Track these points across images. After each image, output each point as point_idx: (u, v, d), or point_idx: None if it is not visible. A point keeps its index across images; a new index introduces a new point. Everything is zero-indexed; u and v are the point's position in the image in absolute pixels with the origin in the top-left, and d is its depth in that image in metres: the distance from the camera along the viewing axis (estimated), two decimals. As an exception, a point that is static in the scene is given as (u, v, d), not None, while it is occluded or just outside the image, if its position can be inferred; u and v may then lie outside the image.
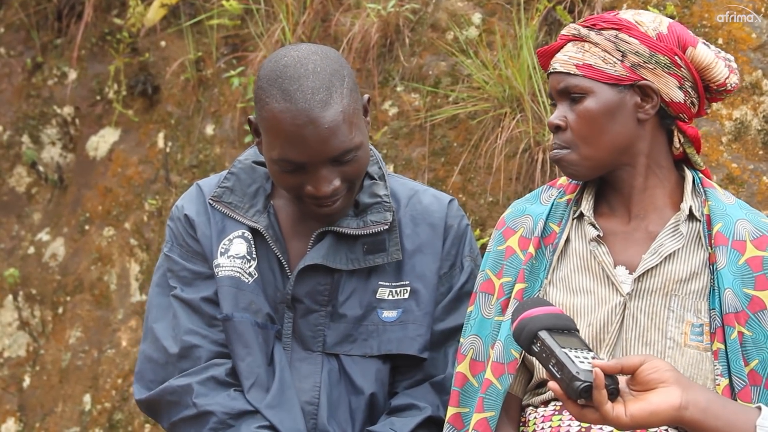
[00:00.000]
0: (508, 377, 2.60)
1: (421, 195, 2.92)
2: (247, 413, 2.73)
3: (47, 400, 5.32)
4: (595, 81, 2.62)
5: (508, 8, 4.58)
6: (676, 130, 2.70)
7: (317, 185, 2.69)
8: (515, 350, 2.60)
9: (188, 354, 2.79)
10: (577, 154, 2.63)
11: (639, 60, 2.61)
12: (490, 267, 2.73)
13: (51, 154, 5.66)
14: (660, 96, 2.63)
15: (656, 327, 2.55)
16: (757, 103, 4.03)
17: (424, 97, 4.62)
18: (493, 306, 2.69)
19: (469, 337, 2.71)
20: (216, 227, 2.85)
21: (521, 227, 2.74)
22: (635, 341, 2.56)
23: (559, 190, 2.75)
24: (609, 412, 2.13)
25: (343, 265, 2.80)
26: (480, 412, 2.60)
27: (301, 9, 5.00)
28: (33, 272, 5.51)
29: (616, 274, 2.60)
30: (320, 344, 2.81)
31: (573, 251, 2.67)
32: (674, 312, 2.55)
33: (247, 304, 2.78)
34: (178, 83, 5.36)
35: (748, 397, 2.48)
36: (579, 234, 2.68)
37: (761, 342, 2.52)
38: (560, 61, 2.67)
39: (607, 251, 2.62)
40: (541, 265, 2.67)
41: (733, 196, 2.71)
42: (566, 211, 2.71)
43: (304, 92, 2.64)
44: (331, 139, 2.65)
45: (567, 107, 2.64)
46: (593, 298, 2.60)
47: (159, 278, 2.89)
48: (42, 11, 5.79)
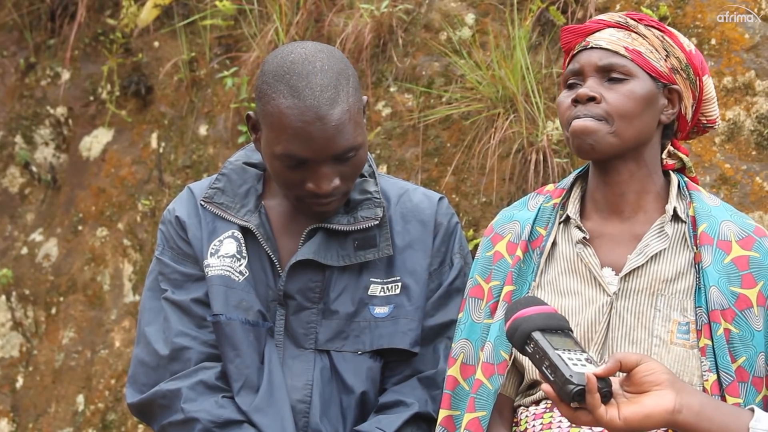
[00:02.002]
0: (498, 378, 2.62)
1: (411, 193, 2.93)
2: (233, 423, 2.73)
3: (40, 401, 5.32)
4: (640, 68, 2.65)
5: (502, 9, 4.59)
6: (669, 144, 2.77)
7: (318, 182, 2.71)
8: (504, 351, 2.63)
9: (178, 356, 2.80)
10: (609, 126, 2.63)
11: (678, 65, 2.68)
12: (479, 273, 2.76)
13: (44, 154, 5.65)
14: (680, 106, 2.70)
15: (642, 326, 2.57)
16: (750, 104, 4.04)
17: (418, 98, 4.63)
18: (482, 310, 2.72)
19: (459, 341, 2.73)
20: (207, 228, 2.85)
21: (509, 233, 2.77)
22: (622, 340, 2.57)
23: (546, 196, 2.78)
24: (602, 416, 2.13)
25: (334, 261, 2.81)
26: (471, 411, 2.62)
27: (295, 9, 5.00)
28: (26, 272, 5.51)
29: (602, 275, 2.62)
30: (312, 341, 2.81)
31: (560, 254, 2.69)
32: (660, 311, 2.57)
33: (238, 302, 2.79)
34: (172, 84, 5.36)
35: (736, 392, 2.49)
36: (565, 237, 2.71)
37: (748, 339, 2.54)
38: (605, 39, 2.68)
39: (593, 253, 2.64)
40: (528, 268, 2.69)
41: (718, 198, 2.74)
42: (552, 215, 2.74)
43: (312, 89, 2.65)
44: (336, 137, 2.67)
45: (600, 84, 2.65)
46: (580, 299, 2.62)
47: (151, 282, 2.90)
48: (35, 12, 5.78)
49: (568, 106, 2.66)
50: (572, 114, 2.63)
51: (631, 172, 2.68)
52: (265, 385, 2.75)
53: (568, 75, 2.71)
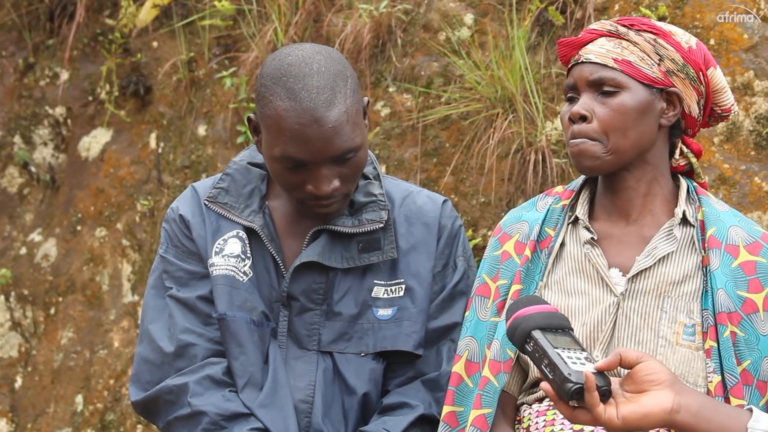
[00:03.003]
0: (504, 375, 2.64)
1: (415, 195, 2.94)
2: (240, 415, 2.74)
3: (39, 401, 5.31)
4: (631, 78, 2.66)
5: (500, 9, 4.59)
6: (681, 143, 2.77)
7: (317, 184, 2.71)
8: (510, 350, 2.65)
9: (184, 353, 2.80)
10: (603, 146, 2.65)
11: (673, 67, 2.68)
12: (486, 272, 2.79)
13: (43, 154, 5.65)
14: (682, 106, 2.69)
15: (649, 327, 2.58)
16: (749, 104, 4.04)
17: (417, 98, 4.62)
18: (488, 308, 2.74)
19: (464, 339, 2.75)
20: (211, 227, 2.86)
21: (517, 233, 2.79)
22: (628, 340, 2.59)
23: (555, 197, 2.81)
24: (601, 414, 2.13)
25: (338, 263, 2.81)
26: (478, 408, 2.64)
27: (294, 9, 5.00)
28: (25, 273, 5.51)
29: (609, 275, 2.63)
30: (315, 343, 2.82)
31: (568, 254, 2.71)
32: (667, 313, 2.58)
33: (242, 302, 2.79)
34: (171, 84, 5.36)
35: (740, 394, 2.51)
36: (574, 238, 2.73)
37: (753, 343, 2.55)
38: (595, 52, 2.68)
39: (601, 253, 2.66)
40: (536, 267, 2.71)
41: (726, 204, 2.76)
42: (561, 216, 2.75)
43: (309, 91, 2.66)
44: (334, 139, 2.67)
45: (593, 99, 2.66)
46: (587, 299, 2.63)
47: (154, 281, 2.90)
48: (34, 12, 5.78)
49: (567, 123, 2.68)
50: (569, 133, 2.66)
51: (637, 177, 2.70)
52: (269, 382, 2.76)
53: (566, 89, 2.73)
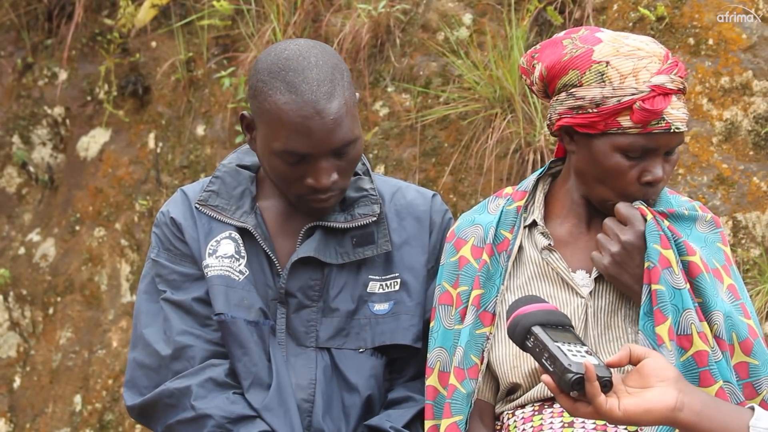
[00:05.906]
0: (470, 382, 2.62)
1: (405, 190, 2.94)
2: (246, 418, 2.72)
3: (38, 401, 5.31)
4: None
5: (499, 9, 4.59)
6: None
7: (318, 177, 2.71)
8: (475, 356, 2.63)
9: (181, 354, 2.79)
10: None
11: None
12: (446, 279, 2.74)
13: (42, 154, 5.65)
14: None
15: (616, 325, 2.61)
16: (748, 104, 4.05)
17: (415, 98, 4.63)
18: (452, 317, 2.70)
19: (434, 350, 2.71)
20: (203, 229, 2.85)
21: (472, 236, 2.74)
22: (600, 338, 2.60)
23: (507, 199, 2.75)
24: (602, 405, 2.12)
25: (333, 259, 2.81)
26: (448, 417, 2.62)
27: (292, 9, 5.01)
28: (23, 273, 5.51)
29: (574, 278, 2.63)
30: (313, 339, 2.81)
31: (528, 259, 2.69)
32: (633, 307, 2.61)
33: (239, 300, 2.79)
34: (169, 84, 5.36)
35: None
36: (531, 242, 2.70)
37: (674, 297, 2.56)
38: (680, 119, 2.58)
39: (560, 257, 2.65)
40: (496, 271, 2.68)
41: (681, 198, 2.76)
42: (517, 218, 2.71)
43: (309, 84, 2.66)
44: (335, 131, 2.67)
45: (662, 159, 2.61)
46: (553, 303, 2.61)
47: (146, 285, 2.88)
48: (32, 12, 5.78)
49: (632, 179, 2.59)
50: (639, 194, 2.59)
51: None
52: (274, 385, 2.75)
53: (635, 149, 2.56)
